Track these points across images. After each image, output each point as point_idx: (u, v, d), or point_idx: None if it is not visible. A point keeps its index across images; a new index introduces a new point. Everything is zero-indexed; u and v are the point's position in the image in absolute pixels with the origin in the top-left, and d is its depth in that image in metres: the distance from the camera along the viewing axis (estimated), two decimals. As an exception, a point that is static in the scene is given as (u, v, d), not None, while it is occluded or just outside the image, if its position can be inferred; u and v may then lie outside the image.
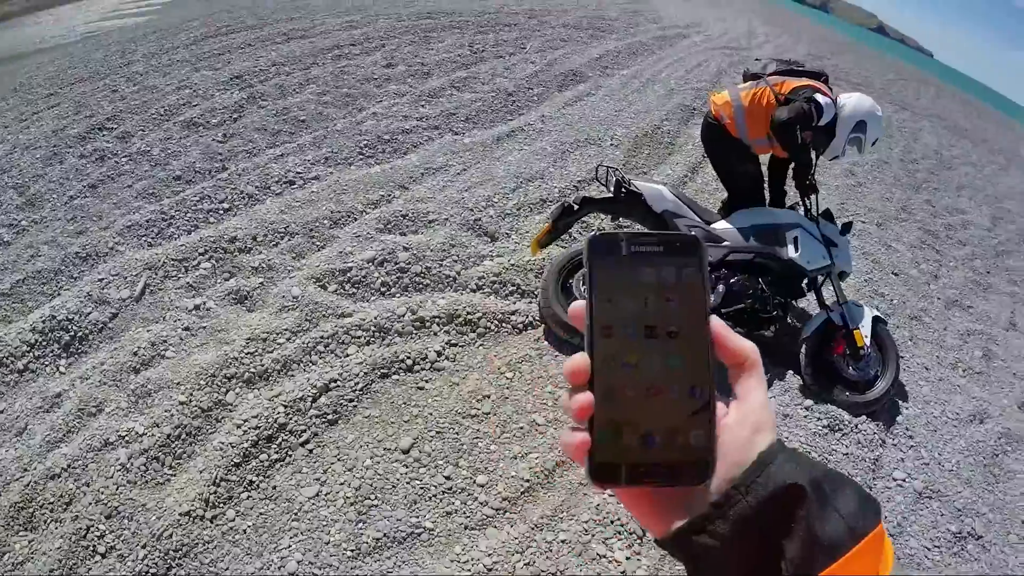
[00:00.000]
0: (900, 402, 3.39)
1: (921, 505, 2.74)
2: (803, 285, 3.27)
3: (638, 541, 2.19)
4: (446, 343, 2.82)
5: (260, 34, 6.67)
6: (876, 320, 3.35)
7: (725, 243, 3.13)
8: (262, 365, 2.51)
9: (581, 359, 0.39)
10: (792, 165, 3.29)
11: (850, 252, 3.35)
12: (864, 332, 3.28)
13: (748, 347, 0.41)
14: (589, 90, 6.13)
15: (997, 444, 3.36)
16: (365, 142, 4.30)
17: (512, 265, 3.29)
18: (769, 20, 19.59)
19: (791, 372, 3.28)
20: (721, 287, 3.09)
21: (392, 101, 5.00)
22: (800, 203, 3.37)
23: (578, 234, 3.51)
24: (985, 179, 8.75)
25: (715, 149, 3.41)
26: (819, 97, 3.04)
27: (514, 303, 3.15)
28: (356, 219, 3.45)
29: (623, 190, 2.95)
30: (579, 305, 0.40)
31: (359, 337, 2.69)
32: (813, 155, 3.17)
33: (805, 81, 3.16)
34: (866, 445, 2.92)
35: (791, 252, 3.16)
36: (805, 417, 2.99)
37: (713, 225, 3.17)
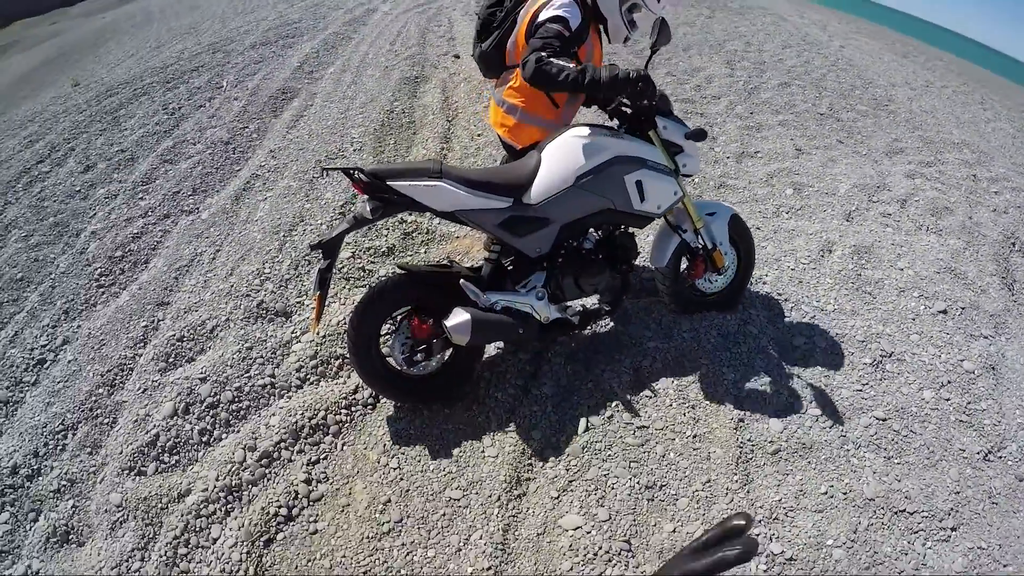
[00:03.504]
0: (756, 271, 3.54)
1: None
2: None
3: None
4: (307, 464, 2.49)
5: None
6: (732, 220, 2.92)
7: (552, 222, 2.40)
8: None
9: None
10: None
11: (698, 155, 2.67)
12: (724, 248, 2.89)
13: None
14: (305, 103, 5.91)
15: (855, 264, 3.71)
16: (98, 271, 3.70)
17: (324, 337, 3.01)
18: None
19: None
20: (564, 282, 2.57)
21: (107, 208, 4.37)
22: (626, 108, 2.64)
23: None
24: (702, 29, 9.30)
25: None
26: (552, 6, 2.34)
27: (349, 377, 2.84)
28: (132, 370, 2.98)
29: (384, 195, 2.21)
30: None
31: (214, 513, 2.32)
32: (600, 66, 2.31)
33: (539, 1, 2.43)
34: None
35: (636, 204, 2.49)
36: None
37: (529, 196, 2.37)
